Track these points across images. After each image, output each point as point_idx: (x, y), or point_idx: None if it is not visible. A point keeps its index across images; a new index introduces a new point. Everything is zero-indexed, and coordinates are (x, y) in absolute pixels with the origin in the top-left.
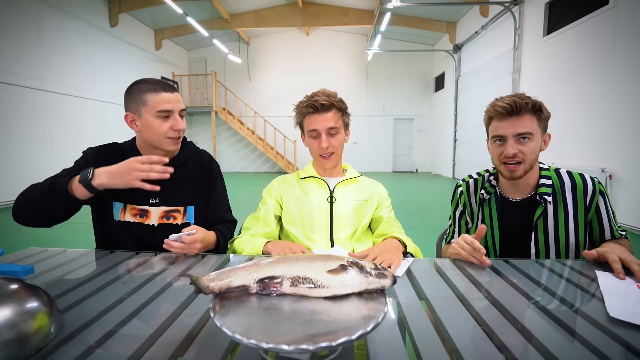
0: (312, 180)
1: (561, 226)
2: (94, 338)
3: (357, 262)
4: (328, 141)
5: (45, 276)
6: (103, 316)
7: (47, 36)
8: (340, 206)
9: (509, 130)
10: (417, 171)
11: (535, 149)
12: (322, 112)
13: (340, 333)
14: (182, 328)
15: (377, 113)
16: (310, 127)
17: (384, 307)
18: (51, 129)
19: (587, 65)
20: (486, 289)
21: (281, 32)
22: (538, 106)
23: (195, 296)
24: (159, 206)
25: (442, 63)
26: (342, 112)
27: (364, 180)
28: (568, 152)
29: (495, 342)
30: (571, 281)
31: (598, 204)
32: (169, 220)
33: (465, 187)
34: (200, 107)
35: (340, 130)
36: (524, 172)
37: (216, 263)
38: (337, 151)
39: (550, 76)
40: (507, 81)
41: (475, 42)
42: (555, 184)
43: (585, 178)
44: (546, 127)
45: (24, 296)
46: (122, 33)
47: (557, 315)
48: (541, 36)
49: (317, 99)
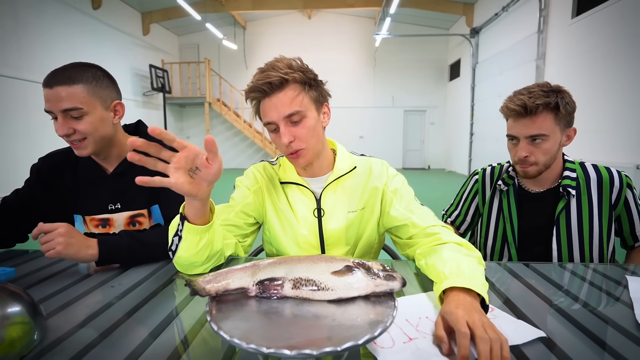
0: (294, 187)
1: (585, 221)
2: (81, 345)
3: (364, 263)
4: (290, 132)
5: (28, 279)
6: (90, 321)
7: (24, 20)
8: (330, 222)
9: (521, 131)
10: (429, 168)
11: (549, 150)
12: (274, 94)
13: (345, 338)
14: (176, 333)
15: (385, 104)
16: (265, 118)
17: (393, 311)
18: (29, 120)
19: (620, 51)
20: (503, 294)
21: (281, 16)
22: (554, 103)
23: (190, 299)
24: (121, 212)
25: (458, 49)
26: (306, 86)
27: (362, 169)
28: (598, 147)
29: (515, 352)
30: (596, 285)
31: (627, 197)
32: (135, 226)
33: (481, 175)
34: (192, 98)
35: (306, 112)
36: (538, 172)
37: None
38: (306, 144)
39: (579, 63)
40: (530, 68)
41: (495, 26)
42: (580, 177)
43: (611, 172)
44: (570, 121)
45: (5, 300)
46: (106, 16)
47: (581, 322)
48: (569, 18)
49: (260, 77)
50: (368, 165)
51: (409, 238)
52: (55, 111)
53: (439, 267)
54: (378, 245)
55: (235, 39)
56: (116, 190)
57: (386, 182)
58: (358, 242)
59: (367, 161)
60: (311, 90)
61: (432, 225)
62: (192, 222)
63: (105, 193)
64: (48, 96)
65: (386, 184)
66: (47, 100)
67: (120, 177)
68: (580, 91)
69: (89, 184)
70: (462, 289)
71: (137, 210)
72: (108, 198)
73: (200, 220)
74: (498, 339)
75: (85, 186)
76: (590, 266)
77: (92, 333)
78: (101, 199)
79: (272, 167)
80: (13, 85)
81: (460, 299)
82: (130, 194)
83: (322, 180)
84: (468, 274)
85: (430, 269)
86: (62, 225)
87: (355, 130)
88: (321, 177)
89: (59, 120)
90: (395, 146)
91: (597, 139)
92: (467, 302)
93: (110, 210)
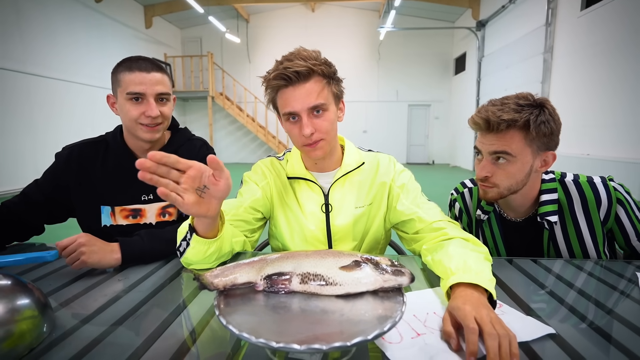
0: (302, 182)
1: (575, 245)
2: (89, 338)
3: (372, 258)
4: (312, 124)
5: (37, 272)
6: (98, 314)
7: (26, 13)
8: (338, 217)
9: (484, 146)
10: (433, 163)
11: (514, 174)
12: (299, 84)
13: (354, 333)
14: (184, 326)
15: (389, 98)
16: (286, 108)
17: (402, 306)
18: (33, 114)
19: (630, 44)
20: (512, 290)
21: (284, 9)
22: (522, 121)
23: (197, 292)
24: (153, 202)
25: (464, 42)
26: (329, 80)
27: (369, 165)
28: (606, 142)
29: (524, 348)
30: (606, 282)
31: (617, 213)
32: (165, 217)
33: (461, 201)
34: (195, 92)
35: (328, 105)
36: (499, 196)
37: None
38: (327, 136)
39: (588, 56)
40: (537, 62)
41: (502, 18)
42: (561, 198)
43: (596, 188)
44: (548, 144)
45: (15, 293)
46: (109, 9)
47: (591, 318)
48: (578, 10)
49: (287, 65)
50: (376, 161)
51: (415, 233)
52: (150, 94)
53: (446, 263)
54: (384, 241)
55: (238, 32)
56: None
57: (393, 177)
58: (365, 237)
59: (374, 157)
60: (333, 85)
61: (438, 220)
62: (201, 235)
63: (139, 183)
64: (143, 80)
65: (393, 179)
66: (141, 83)
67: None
68: (588, 85)
69: (120, 175)
70: (469, 284)
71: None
72: (141, 188)
73: (210, 234)
74: (506, 334)
75: (116, 176)
76: (600, 262)
77: (100, 326)
78: (134, 190)
79: (279, 162)
80: (16, 79)
81: (468, 294)
82: None
83: (330, 175)
84: (475, 270)
85: (436, 264)
86: (81, 236)
87: (358, 125)
88: (329, 172)
89: (152, 103)
90: (399, 141)
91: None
92: (475, 297)
93: (143, 201)
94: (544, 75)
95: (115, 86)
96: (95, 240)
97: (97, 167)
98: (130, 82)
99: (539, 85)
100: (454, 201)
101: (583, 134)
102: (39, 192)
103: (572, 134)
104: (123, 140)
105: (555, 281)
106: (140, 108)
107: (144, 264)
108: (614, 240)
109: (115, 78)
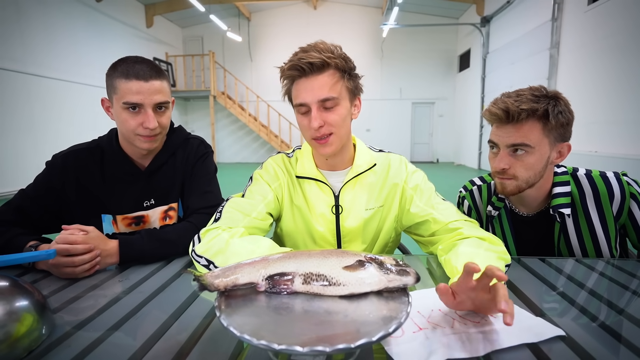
0: (312, 182)
1: (588, 241)
2: (89, 340)
3: (376, 258)
4: (321, 117)
5: (36, 273)
6: (98, 316)
7: (27, 12)
8: (348, 219)
9: (502, 139)
10: (437, 161)
11: (533, 165)
12: (313, 75)
13: (358, 334)
14: (184, 328)
15: (393, 96)
16: (297, 99)
17: (407, 307)
18: (33, 114)
19: (638, 39)
20: (520, 290)
21: (286, 6)
22: (542, 111)
23: (198, 294)
24: (155, 207)
25: (468, 39)
26: (345, 74)
27: (380, 166)
28: (615, 138)
29: (532, 348)
30: (617, 281)
31: (631, 209)
32: (166, 220)
33: (470, 198)
34: (197, 92)
35: (340, 100)
36: (517, 189)
37: None
38: (337, 131)
39: (595, 51)
40: (543, 58)
41: (507, 14)
42: (574, 192)
43: (609, 182)
44: (564, 135)
45: (14, 294)
46: (109, 8)
47: (602, 319)
48: (585, 5)
49: (302, 56)
50: (387, 162)
51: (431, 235)
52: (148, 104)
53: (453, 262)
54: (393, 243)
55: (240, 31)
56: (150, 186)
57: (405, 178)
58: (375, 239)
59: (385, 157)
60: (349, 80)
61: (454, 220)
62: None
63: (140, 190)
64: (141, 89)
65: (405, 180)
66: (138, 92)
67: (156, 172)
68: (595, 81)
69: (120, 182)
70: None
71: (170, 204)
72: (143, 194)
73: None
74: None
75: (116, 184)
76: (610, 262)
77: (99, 327)
78: (136, 196)
79: (288, 159)
80: (17, 79)
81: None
82: (165, 188)
83: (341, 174)
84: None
85: (445, 264)
86: (92, 240)
87: (362, 123)
88: (340, 171)
89: (150, 114)
90: (403, 139)
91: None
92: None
93: (145, 207)
94: (550, 72)
95: (111, 91)
96: (100, 243)
97: (95, 175)
98: (127, 91)
99: (546, 82)
100: (462, 199)
101: (591, 130)
102: (36, 205)
103: (580, 130)
104: (119, 146)
105: (566, 281)
106: (137, 119)
107: (143, 264)
108: (627, 237)
109: (110, 82)
